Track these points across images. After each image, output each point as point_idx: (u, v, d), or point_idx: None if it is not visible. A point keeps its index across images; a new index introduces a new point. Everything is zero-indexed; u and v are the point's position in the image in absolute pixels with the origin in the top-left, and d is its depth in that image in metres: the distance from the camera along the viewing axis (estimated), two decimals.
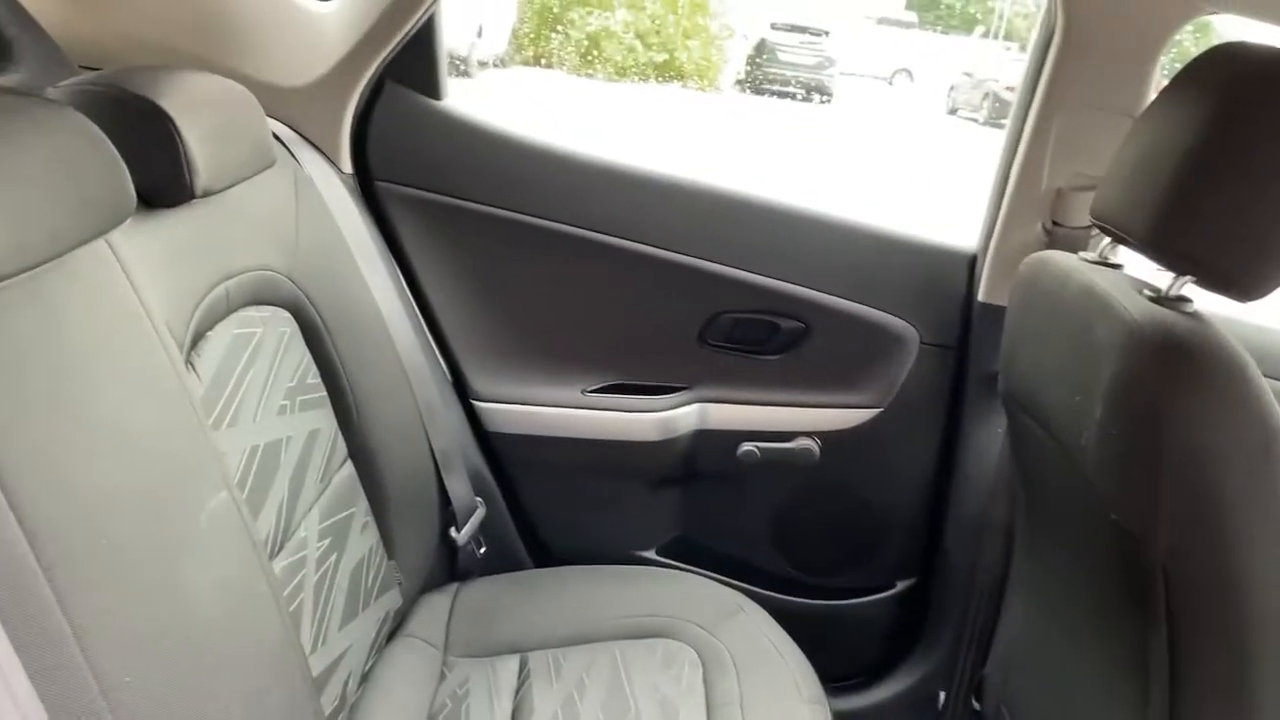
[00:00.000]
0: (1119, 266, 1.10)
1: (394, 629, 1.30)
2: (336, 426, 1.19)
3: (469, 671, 1.26)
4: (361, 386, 1.22)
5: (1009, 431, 1.31)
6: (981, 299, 1.53)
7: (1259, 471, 0.87)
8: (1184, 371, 0.87)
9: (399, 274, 1.48)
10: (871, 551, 1.69)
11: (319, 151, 1.39)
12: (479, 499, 1.49)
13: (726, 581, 1.51)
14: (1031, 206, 1.46)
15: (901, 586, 1.70)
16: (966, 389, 1.57)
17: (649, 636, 1.31)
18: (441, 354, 1.54)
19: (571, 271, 1.53)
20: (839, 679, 1.70)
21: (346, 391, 1.20)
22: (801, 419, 1.59)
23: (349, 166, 1.44)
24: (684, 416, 1.58)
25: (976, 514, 1.54)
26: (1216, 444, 0.87)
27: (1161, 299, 0.94)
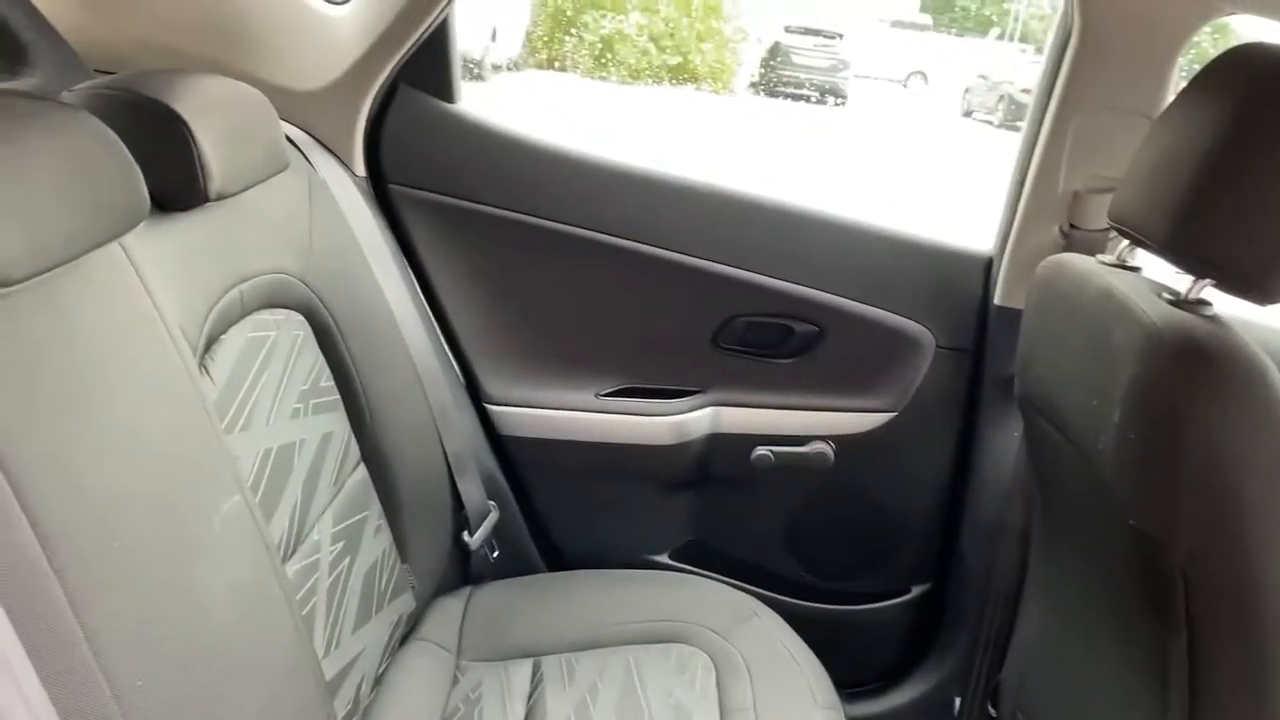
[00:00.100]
0: (1137, 269, 1.09)
1: (407, 633, 1.30)
2: (350, 430, 1.19)
3: (482, 675, 1.26)
4: (375, 390, 1.22)
5: (1025, 435, 1.31)
6: (998, 302, 1.52)
7: (1278, 475, 0.86)
8: (1203, 375, 0.86)
9: (412, 277, 1.48)
10: (886, 556, 1.68)
11: (333, 155, 1.39)
12: (492, 502, 1.49)
13: (740, 586, 1.50)
14: (1048, 209, 1.45)
15: (917, 591, 1.68)
16: (982, 393, 1.56)
17: (662, 641, 1.30)
18: (454, 357, 1.54)
19: (584, 274, 1.53)
20: (853, 685, 1.69)
21: (360, 395, 1.20)
22: (816, 423, 1.58)
23: (362, 170, 1.44)
24: (697, 420, 1.58)
25: (992, 518, 1.52)
26: (1236, 448, 0.86)
27: (1181, 302, 0.93)
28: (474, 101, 1.53)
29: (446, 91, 1.50)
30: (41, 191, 0.66)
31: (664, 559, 1.68)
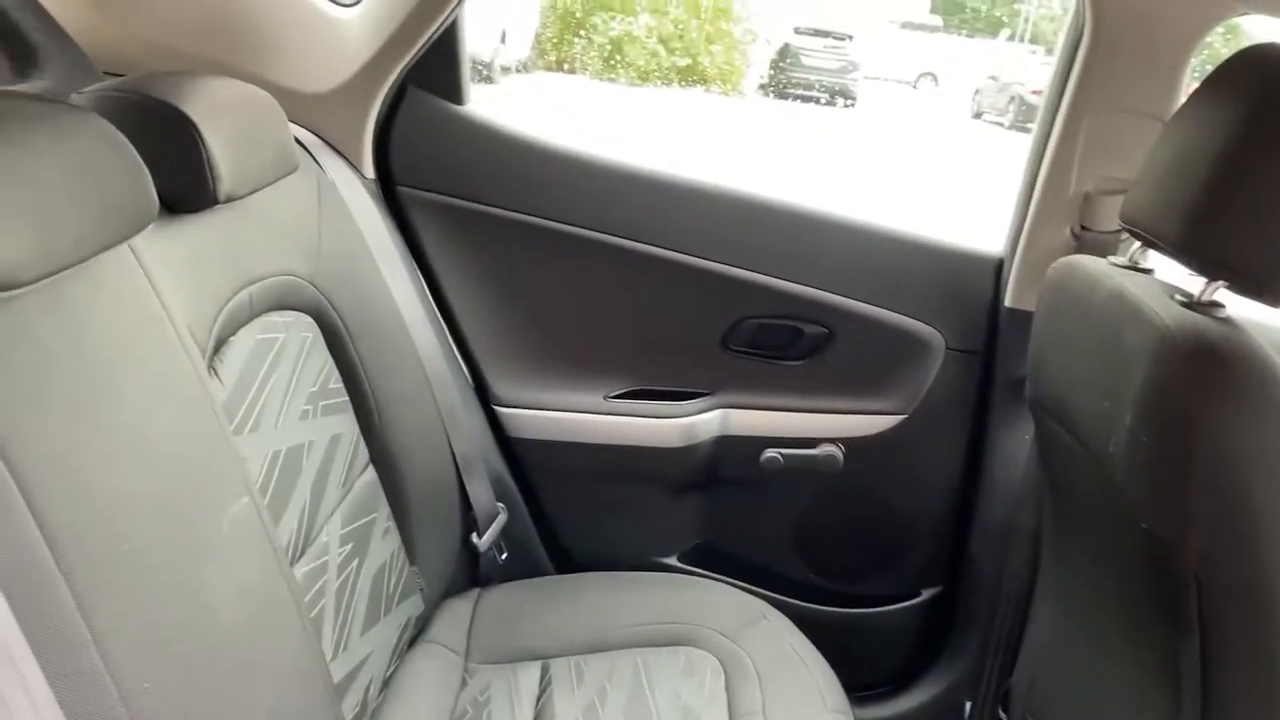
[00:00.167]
0: (1149, 271, 1.08)
1: (415, 635, 1.30)
2: (358, 431, 1.19)
3: (490, 678, 1.26)
4: (383, 391, 1.22)
5: (1036, 438, 1.30)
6: (1008, 304, 1.51)
7: None
8: (1216, 378, 0.86)
9: (421, 279, 1.48)
10: (896, 559, 1.67)
11: (341, 157, 1.39)
12: (500, 504, 1.48)
13: (749, 589, 1.50)
14: (1059, 210, 1.45)
15: (927, 594, 1.68)
16: (993, 395, 1.56)
17: (671, 644, 1.30)
18: (463, 359, 1.54)
19: (593, 276, 1.53)
20: (863, 688, 1.68)
21: (368, 396, 1.20)
22: (825, 425, 1.58)
23: (371, 172, 1.44)
24: (706, 422, 1.57)
25: (1003, 521, 1.52)
26: (1248, 450, 0.86)
27: (1193, 304, 0.93)
28: (483, 104, 1.53)
29: (455, 93, 1.49)
30: (50, 194, 0.66)
31: (673, 561, 1.68)
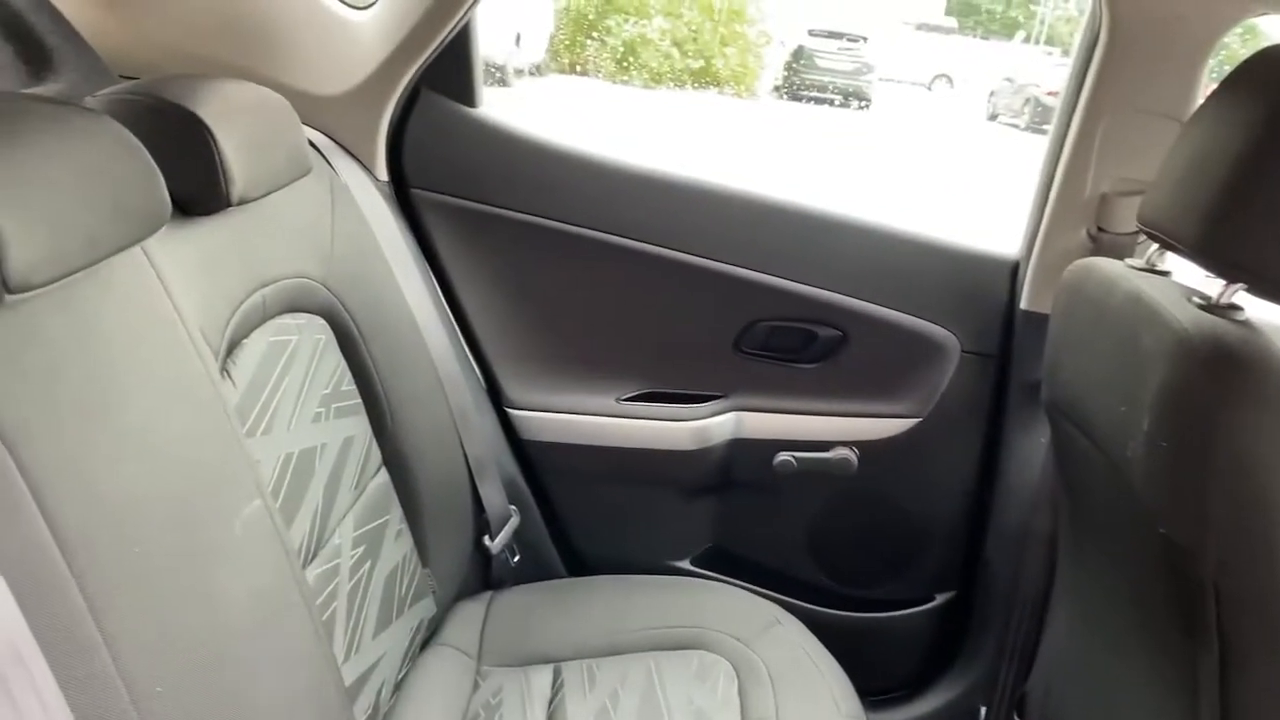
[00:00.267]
0: (1167, 273, 1.07)
1: (428, 637, 1.30)
2: (371, 434, 1.19)
3: (502, 681, 1.26)
4: (396, 393, 1.22)
5: (1052, 441, 1.29)
6: (1024, 306, 1.50)
7: None
8: (1235, 381, 0.85)
9: (434, 281, 1.48)
10: (911, 563, 1.66)
11: (355, 159, 1.40)
12: (513, 507, 1.48)
13: (762, 592, 1.49)
14: (1076, 212, 1.44)
15: (941, 599, 1.67)
16: (1008, 398, 1.54)
17: (684, 648, 1.29)
18: (475, 361, 1.54)
19: (606, 279, 1.53)
20: (877, 693, 1.67)
21: (381, 398, 1.20)
22: (839, 428, 1.57)
23: (384, 174, 1.44)
24: (719, 425, 1.57)
25: (1019, 525, 1.51)
26: (1268, 455, 0.84)
27: (1211, 307, 0.91)
28: (498, 107, 1.53)
29: (468, 96, 1.49)
30: (63, 196, 0.66)
31: (685, 565, 1.67)
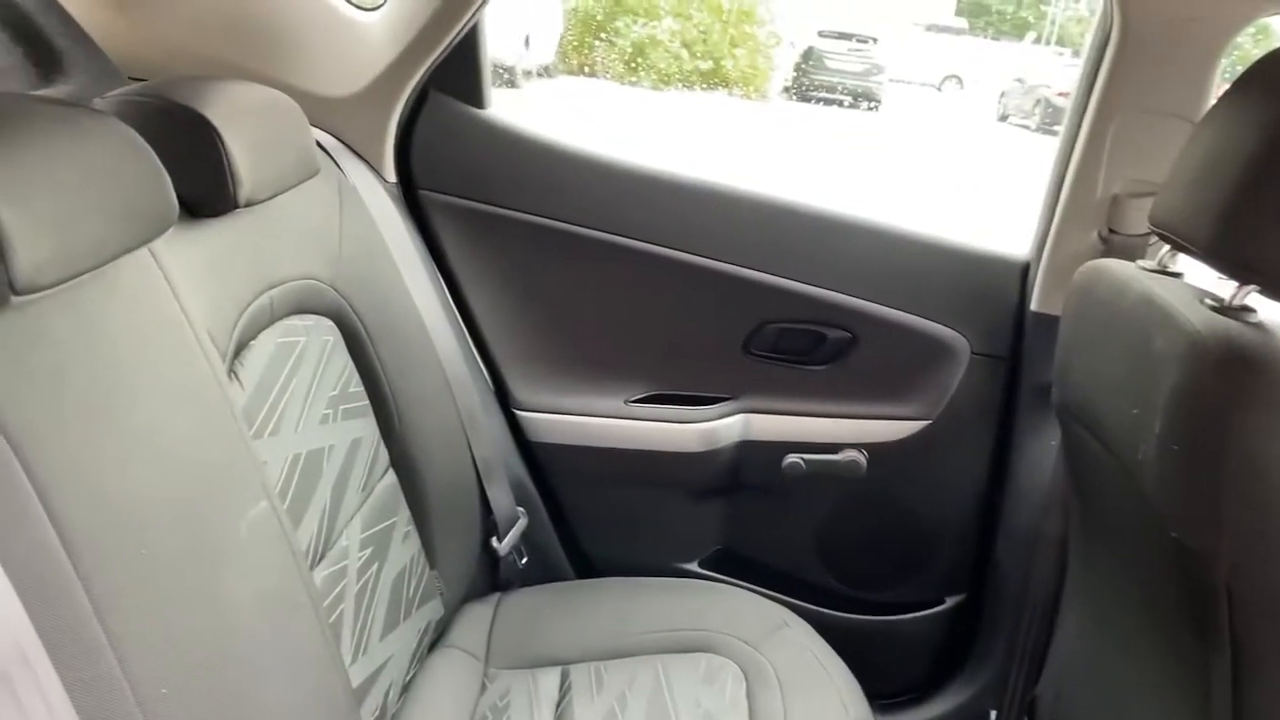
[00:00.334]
0: (1179, 275, 1.06)
1: (435, 639, 1.30)
2: (379, 435, 1.19)
3: (510, 683, 1.26)
4: (404, 395, 1.22)
5: (1063, 444, 1.28)
6: (1034, 308, 1.50)
7: None
8: (1248, 384, 0.84)
9: (442, 283, 1.48)
10: (920, 566, 1.66)
11: (363, 160, 1.40)
12: (520, 509, 1.48)
13: (771, 595, 1.48)
14: (1087, 213, 1.43)
15: (951, 602, 1.66)
16: (1019, 400, 1.54)
17: (692, 651, 1.29)
18: (484, 363, 1.54)
19: (614, 280, 1.53)
20: (886, 696, 1.67)
21: (389, 400, 1.20)
22: (848, 430, 1.57)
23: (393, 175, 1.44)
24: (728, 427, 1.56)
25: (1029, 528, 1.50)
26: None
27: (1224, 309, 0.91)
28: (508, 108, 1.53)
29: (477, 97, 1.49)
30: (70, 198, 0.66)
31: (693, 567, 1.67)
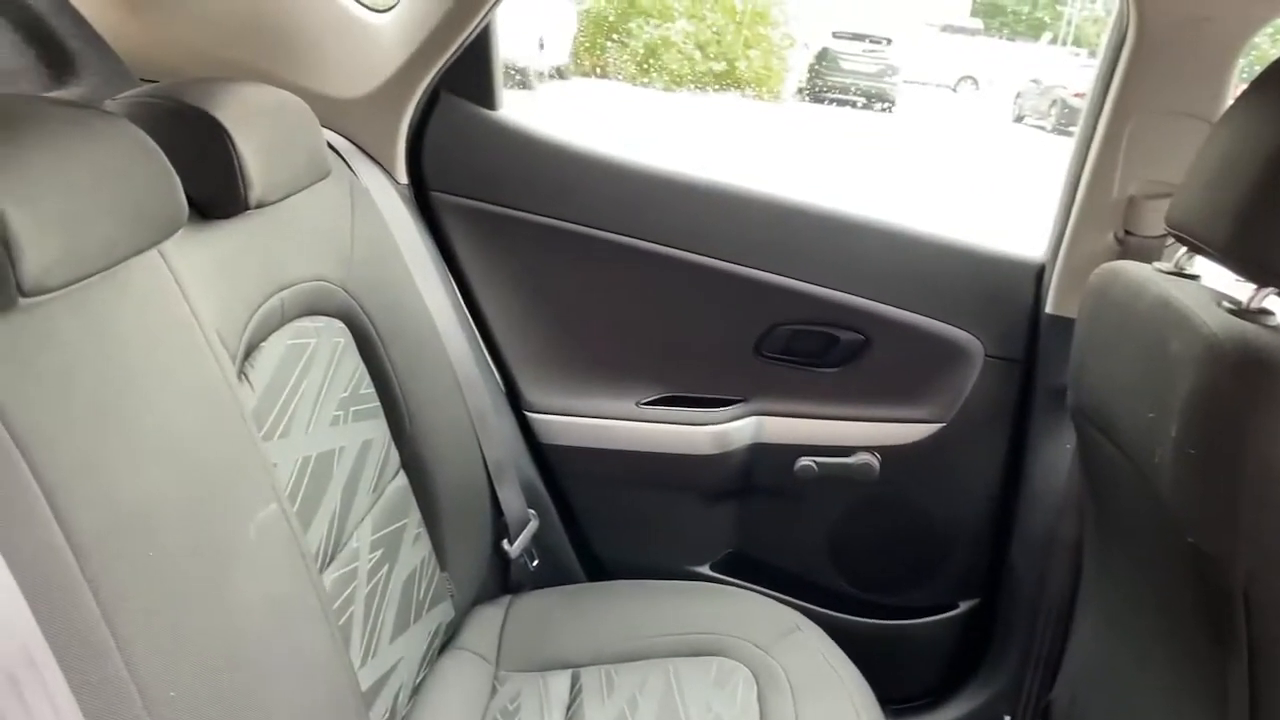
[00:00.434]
0: (1196, 277, 1.05)
1: (445, 641, 1.29)
2: (389, 437, 1.19)
3: (521, 686, 1.25)
4: (415, 397, 1.22)
5: (1078, 448, 1.27)
6: (1050, 310, 1.49)
7: None
8: (1265, 387, 0.83)
9: (453, 284, 1.48)
10: (933, 570, 1.65)
11: (374, 162, 1.40)
12: (532, 511, 1.48)
13: (783, 599, 1.48)
14: (1102, 215, 1.42)
15: (965, 606, 1.65)
16: (1034, 403, 1.53)
17: (703, 654, 1.28)
18: (495, 364, 1.54)
19: (626, 282, 1.52)
20: (899, 701, 1.66)
21: (399, 402, 1.20)
22: (861, 433, 1.56)
23: (404, 177, 1.44)
24: (739, 430, 1.56)
25: (1044, 531, 1.49)
26: None
27: (1242, 311, 0.90)
28: (521, 111, 1.53)
29: (488, 99, 1.49)
30: (79, 199, 0.66)
31: (705, 570, 1.66)
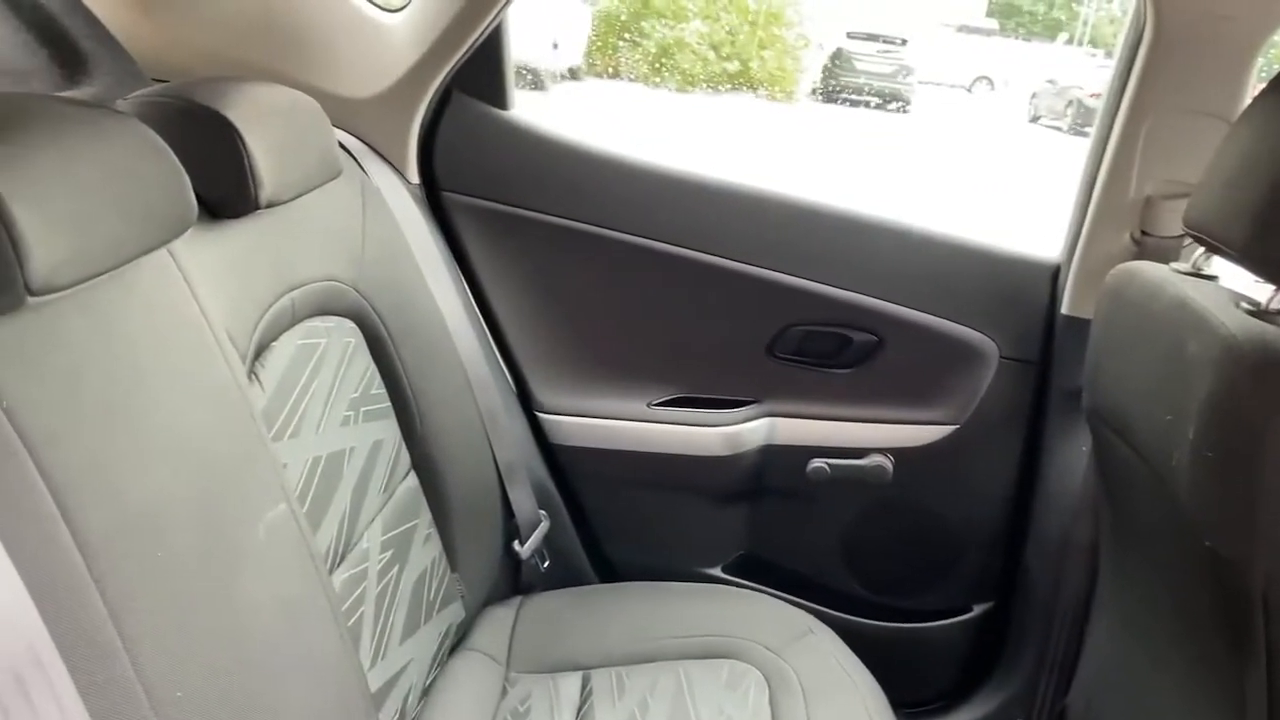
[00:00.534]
0: (1214, 278, 1.04)
1: (456, 642, 1.29)
2: (400, 437, 1.19)
3: (531, 688, 1.25)
4: (425, 397, 1.21)
5: (1094, 450, 1.26)
6: (1065, 311, 1.47)
7: None
8: None
9: (464, 284, 1.48)
10: (947, 573, 1.63)
11: (386, 162, 1.40)
12: (542, 512, 1.47)
13: (795, 601, 1.47)
14: (1119, 215, 1.40)
15: (978, 610, 1.64)
16: (1049, 405, 1.51)
17: (714, 657, 1.28)
18: (506, 365, 1.54)
19: (637, 282, 1.52)
20: (912, 705, 1.65)
21: (410, 402, 1.19)
22: (874, 435, 1.55)
23: (416, 177, 1.44)
24: (752, 431, 1.55)
25: (1059, 535, 1.48)
26: None
27: (1261, 313, 0.89)
28: (535, 111, 1.52)
29: (500, 98, 1.49)
30: (88, 198, 0.66)
31: (716, 572, 1.65)
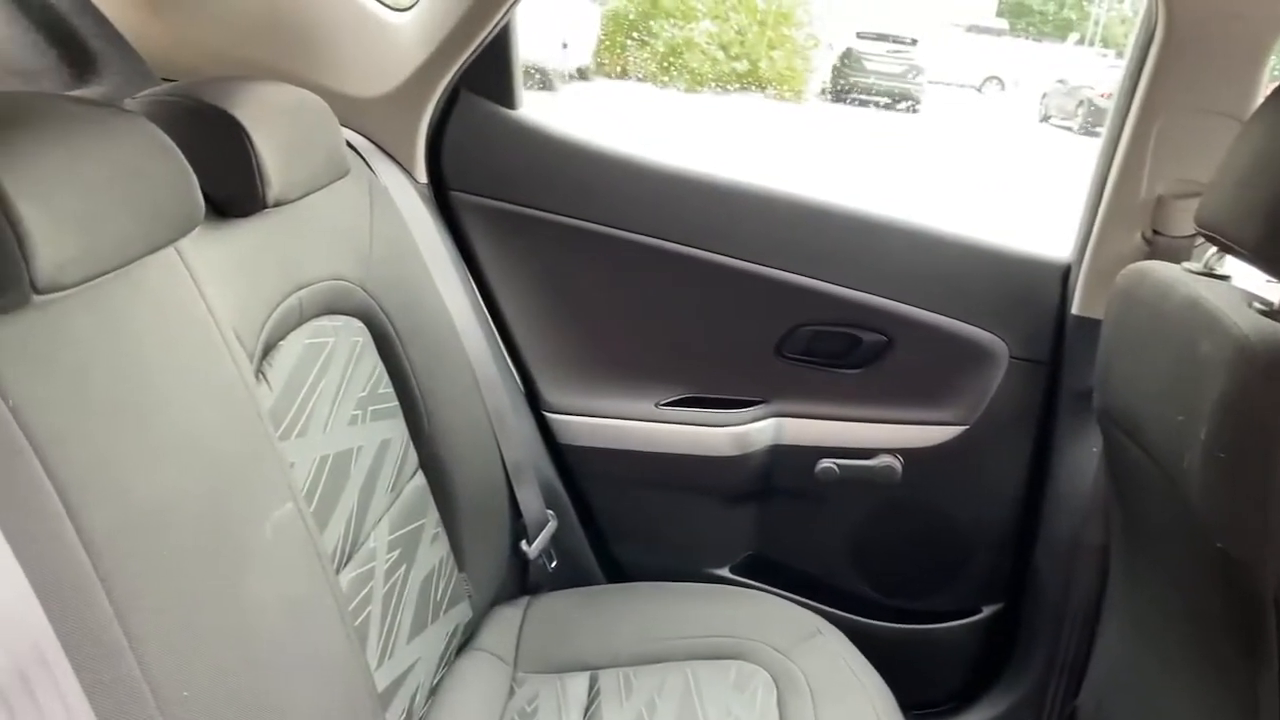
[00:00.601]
0: (1226, 278, 1.03)
1: (463, 642, 1.29)
2: (408, 437, 1.19)
3: (538, 688, 1.25)
4: (433, 396, 1.21)
5: (1105, 451, 1.25)
6: (1076, 311, 1.47)
7: None
8: None
9: (472, 284, 1.48)
10: (956, 574, 1.63)
11: (394, 161, 1.40)
12: (550, 512, 1.47)
13: (803, 602, 1.47)
14: (1130, 215, 1.40)
15: (988, 611, 1.63)
16: (1059, 406, 1.51)
17: (722, 658, 1.27)
18: (514, 365, 1.53)
19: (646, 282, 1.51)
20: (920, 707, 1.64)
21: (418, 401, 1.19)
22: (883, 435, 1.54)
23: (424, 176, 1.44)
24: (760, 431, 1.54)
25: (1069, 536, 1.47)
26: None
27: (1274, 313, 0.88)
28: (544, 111, 1.52)
29: (508, 98, 1.49)
30: (95, 196, 0.66)
31: (724, 572, 1.65)
